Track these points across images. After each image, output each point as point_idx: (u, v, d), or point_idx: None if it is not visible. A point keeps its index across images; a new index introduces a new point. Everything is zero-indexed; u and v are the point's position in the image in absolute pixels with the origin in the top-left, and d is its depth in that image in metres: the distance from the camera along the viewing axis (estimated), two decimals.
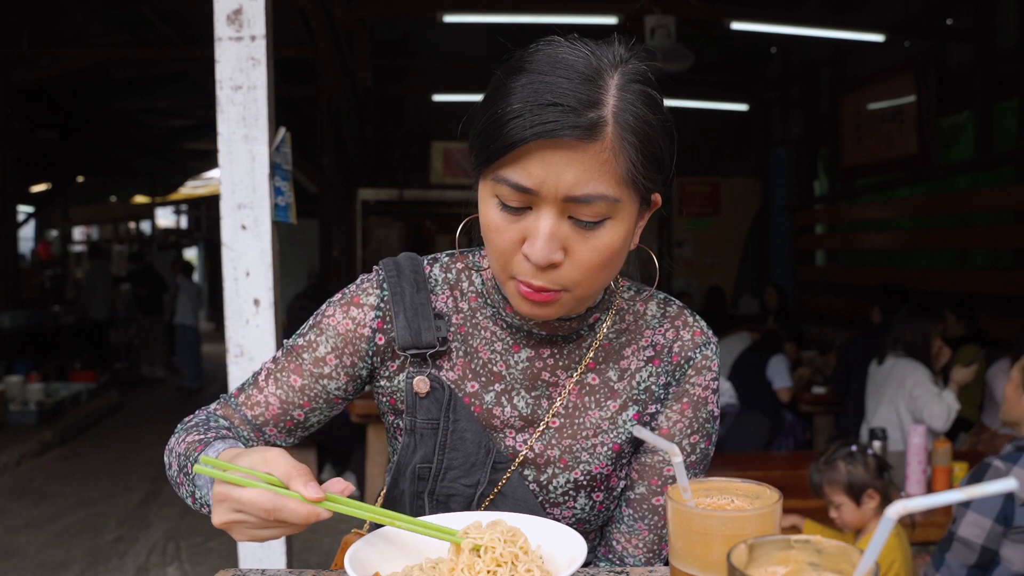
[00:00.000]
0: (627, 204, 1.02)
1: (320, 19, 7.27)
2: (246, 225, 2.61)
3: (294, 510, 0.89)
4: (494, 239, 1.04)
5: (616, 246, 1.04)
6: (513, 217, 1.02)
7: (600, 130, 0.97)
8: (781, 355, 5.68)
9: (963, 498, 0.65)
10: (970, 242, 7.30)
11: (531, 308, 1.07)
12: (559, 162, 0.97)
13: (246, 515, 0.91)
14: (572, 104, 0.95)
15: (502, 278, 1.08)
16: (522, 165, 0.98)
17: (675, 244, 11.32)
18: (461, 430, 1.17)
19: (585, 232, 1.01)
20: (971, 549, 2.29)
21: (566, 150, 0.96)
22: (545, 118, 0.95)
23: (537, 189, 0.98)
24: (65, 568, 4.87)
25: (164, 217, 21.21)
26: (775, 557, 0.72)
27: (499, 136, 0.98)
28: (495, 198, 1.03)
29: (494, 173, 1.01)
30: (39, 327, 10.09)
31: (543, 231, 1.00)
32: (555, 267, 1.02)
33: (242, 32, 2.56)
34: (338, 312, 1.21)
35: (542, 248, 1.00)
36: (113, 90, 10.41)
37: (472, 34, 9.21)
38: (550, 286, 1.04)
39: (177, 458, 1.14)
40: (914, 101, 7.50)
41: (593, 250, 1.02)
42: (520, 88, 0.98)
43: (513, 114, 0.97)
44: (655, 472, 1.19)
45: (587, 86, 0.97)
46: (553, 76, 0.97)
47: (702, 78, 10.24)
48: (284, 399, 1.20)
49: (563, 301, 1.07)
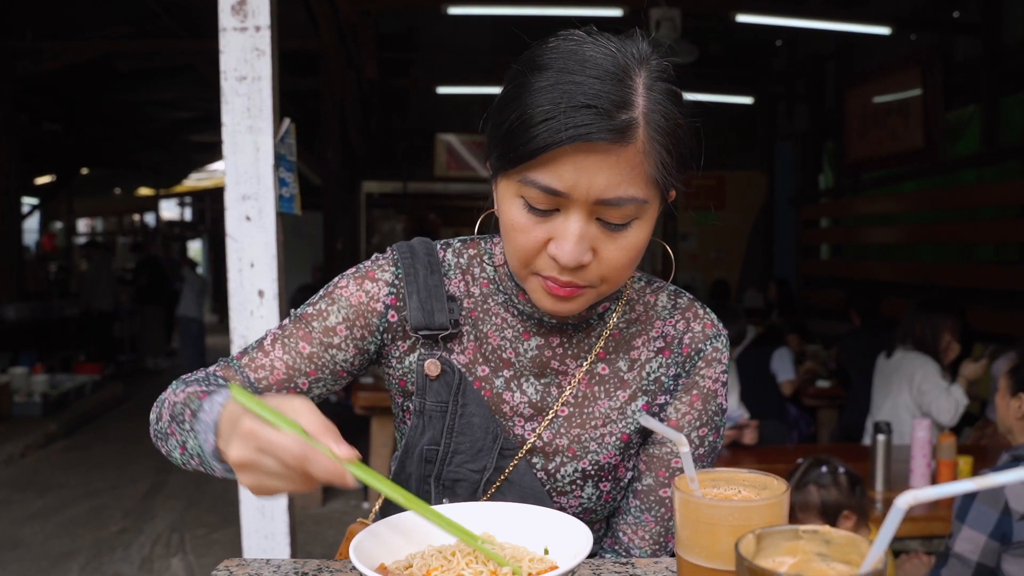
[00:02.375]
0: (653, 204, 1.03)
1: (325, 11, 7.26)
2: (250, 216, 2.60)
3: (321, 463, 0.83)
4: (518, 239, 1.03)
5: (641, 244, 1.04)
6: (540, 218, 1.01)
7: (632, 132, 0.96)
8: (784, 348, 5.67)
9: (973, 488, 0.64)
10: (975, 236, 7.28)
11: (554, 304, 1.07)
12: (592, 166, 0.96)
13: (269, 458, 0.85)
14: (605, 106, 0.94)
15: (523, 275, 1.08)
16: (553, 168, 0.97)
17: (680, 238, 11.30)
18: (469, 415, 1.17)
19: (613, 233, 1.01)
20: (966, 566, 2.25)
21: (599, 153, 0.95)
22: (579, 120, 0.94)
23: (568, 192, 0.97)
24: (70, 559, 4.88)
25: (168, 209, 21.24)
26: (783, 547, 0.72)
27: (529, 138, 0.96)
28: (520, 199, 1.02)
29: (521, 175, 0.99)
30: (44, 319, 10.11)
31: (573, 233, 0.99)
32: (583, 267, 1.02)
33: (246, 23, 2.55)
34: (352, 284, 1.20)
35: (572, 251, 0.99)
36: (117, 82, 10.40)
37: (477, 26, 9.21)
38: (577, 282, 1.03)
39: (171, 407, 1.10)
40: (920, 95, 7.47)
41: (620, 249, 1.02)
42: (549, 88, 0.96)
43: (543, 115, 0.95)
44: (663, 463, 1.19)
45: (617, 87, 0.96)
46: (583, 75, 0.96)
47: (707, 71, 10.21)
48: (291, 364, 1.18)
49: (587, 296, 1.07)
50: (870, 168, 8.75)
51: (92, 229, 20.37)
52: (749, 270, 11.48)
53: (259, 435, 0.85)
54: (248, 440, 0.86)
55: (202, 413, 1.00)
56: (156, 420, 1.15)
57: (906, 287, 7.61)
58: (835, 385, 5.81)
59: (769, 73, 11.20)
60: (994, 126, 6.87)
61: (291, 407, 0.87)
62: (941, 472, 3.38)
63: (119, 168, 15.00)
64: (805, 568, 0.70)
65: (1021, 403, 2.55)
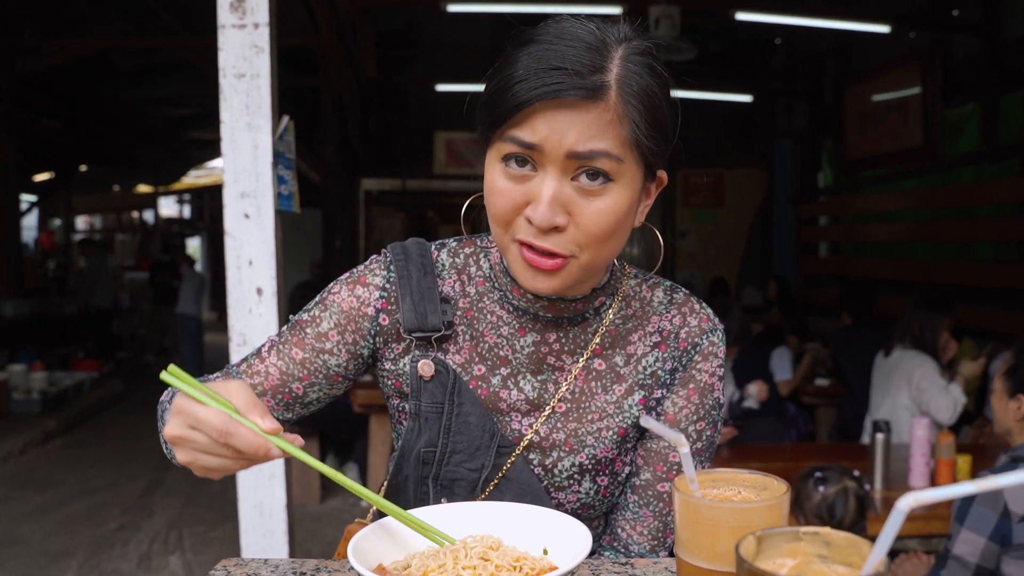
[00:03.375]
0: (631, 168, 1.03)
1: (324, 8, 7.26)
2: (249, 214, 2.60)
3: (245, 437, 0.89)
4: (497, 202, 1.05)
5: (620, 211, 1.04)
6: (517, 181, 1.03)
7: (604, 92, 0.99)
8: (783, 348, 5.67)
9: (974, 491, 0.64)
10: (974, 235, 7.27)
11: (535, 277, 1.07)
12: (563, 120, 0.99)
13: (198, 433, 0.90)
14: (576, 68, 0.98)
15: (504, 242, 1.08)
16: (527, 124, 1.00)
17: (679, 235, 11.30)
18: (466, 414, 1.17)
19: (589, 194, 1.02)
20: (966, 568, 2.24)
21: (570, 109, 0.99)
22: (549, 80, 0.98)
23: (541, 144, 1.00)
24: (68, 556, 4.88)
25: (167, 207, 21.22)
26: (783, 549, 0.72)
27: (504, 100, 1.00)
28: (499, 163, 1.04)
29: (500, 135, 1.02)
30: (42, 316, 10.11)
31: (546, 193, 1.01)
32: (559, 231, 1.03)
33: (245, 20, 2.55)
34: (344, 290, 1.22)
35: (544, 211, 1.01)
36: (116, 79, 10.40)
37: (476, 24, 9.18)
38: (554, 248, 1.03)
39: (161, 407, 1.17)
40: (919, 93, 7.46)
41: (597, 213, 1.03)
42: (526, 56, 1.00)
43: (518, 78, 0.99)
44: (660, 458, 1.19)
45: (591, 54, 1.00)
46: (559, 45, 1.00)
47: (706, 69, 10.19)
48: (284, 370, 1.20)
49: (568, 270, 1.06)
50: (869, 166, 8.75)
51: (91, 226, 20.35)
52: (748, 268, 11.47)
53: (188, 411, 0.90)
54: (179, 416, 0.91)
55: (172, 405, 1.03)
56: (159, 420, 1.20)
57: (905, 285, 7.60)
58: (834, 383, 5.81)
59: (768, 71, 11.19)
60: (993, 124, 6.87)
61: (224, 388, 0.93)
62: (940, 471, 3.38)
63: (118, 165, 14.99)
64: (806, 570, 0.70)
65: (1020, 404, 2.54)
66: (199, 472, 0.96)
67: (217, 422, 0.89)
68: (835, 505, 2.59)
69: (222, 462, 0.92)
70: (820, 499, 2.61)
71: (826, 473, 2.67)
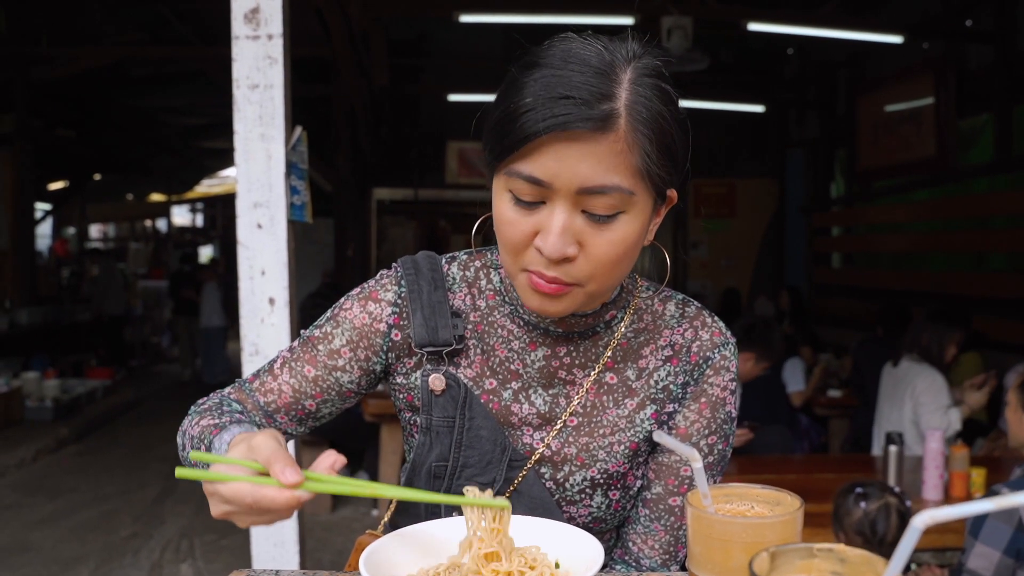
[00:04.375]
0: (641, 198, 1.02)
1: (337, 18, 7.29)
2: (262, 224, 2.61)
3: (272, 499, 0.87)
4: (506, 232, 1.04)
5: (630, 240, 1.03)
6: (526, 211, 1.02)
7: (613, 122, 0.96)
8: (796, 359, 5.65)
9: (991, 508, 0.63)
10: (988, 245, 7.24)
11: (541, 302, 1.06)
12: (573, 155, 0.96)
13: (232, 507, 0.90)
14: (584, 96, 0.95)
15: (513, 271, 1.08)
16: (535, 158, 0.98)
17: (691, 245, 11.28)
18: (477, 428, 1.17)
19: (599, 226, 1.01)
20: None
21: (579, 142, 0.96)
22: (558, 111, 0.95)
23: (551, 182, 0.98)
24: (80, 564, 4.89)
25: (180, 215, 21.31)
26: (797, 565, 0.71)
27: (512, 130, 0.98)
28: (508, 193, 1.02)
29: (507, 168, 1.01)
30: (56, 324, 10.16)
31: (556, 225, 0.99)
32: (569, 260, 1.02)
33: (259, 31, 2.57)
34: (355, 306, 1.22)
35: (555, 242, 0.99)
36: (130, 88, 10.47)
37: (488, 34, 9.20)
38: (563, 278, 1.03)
39: (190, 440, 1.15)
40: (933, 103, 7.44)
41: (608, 244, 1.02)
42: (532, 82, 0.98)
43: (525, 108, 0.96)
44: (672, 472, 1.19)
45: (599, 79, 0.97)
46: (565, 70, 0.97)
47: (718, 79, 10.19)
48: (297, 388, 1.20)
49: (574, 295, 1.06)
50: (882, 176, 8.72)
51: (104, 235, 20.46)
52: (760, 278, 11.44)
53: (217, 493, 0.91)
54: (214, 499, 0.92)
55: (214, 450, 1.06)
56: (181, 449, 1.20)
57: (918, 296, 7.57)
58: (847, 394, 5.78)
59: (780, 81, 11.17)
60: (1007, 134, 6.84)
61: (248, 447, 0.92)
62: (954, 484, 3.35)
63: (131, 174, 15.06)
64: None
65: None
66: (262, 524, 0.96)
67: (243, 496, 0.88)
68: (876, 521, 2.56)
69: (265, 519, 0.92)
70: (862, 515, 2.59)
71: (867, 489, 2.64)
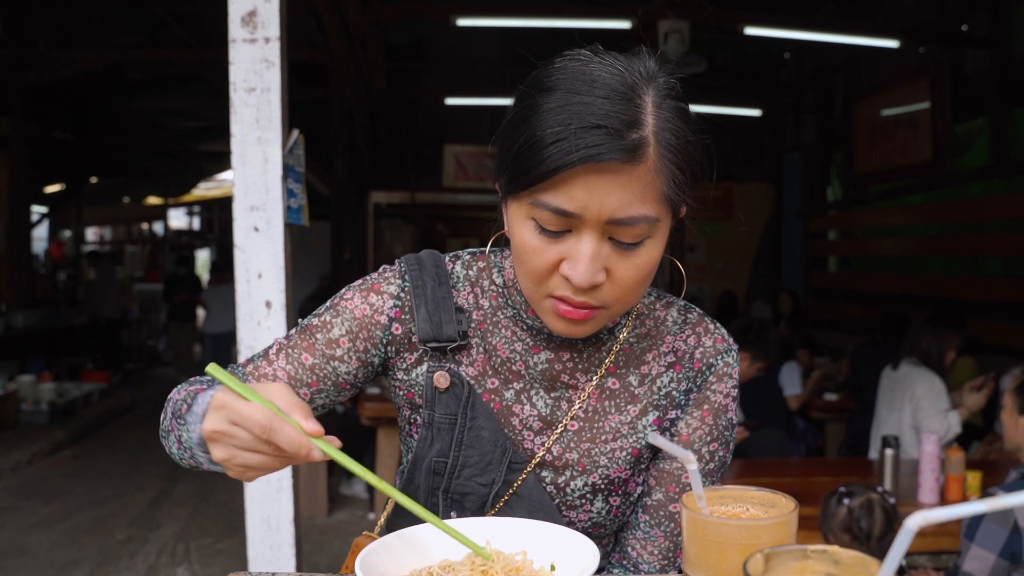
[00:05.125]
0: (664, 221, 1.03)
1: (334, 22, 7.29)
2: (259, 227, 2.61)
3: (288, 435, 0.88)
4: (530, 261, 1.03)
5: (654, 262, 1.04)
6: (552, 240, 1.00)
7: (643, 151, 0.96)
8: (793, 362, 5.65)
9: (984, 509, 0.64)
10: (983, 249, 7.26)
11: (567, 327, 1.06)
12: (603, 186, 0.95)
13: (239, 428, 0.90)
14: (616, 126, 0.94)
15: (536, 297, 1.07)
16: (564, 190, 0.96)
17: (687, 249, 11.28)
18: (478, 428, 1.17)
19: (626, 252, 1.01)
20: None
21: (610, 174, 0.95)
22: (590, 141, 0.93)
23: (580, 213, 0.97)
24: (75, 567, 4.88)
25: (176, 218, 21.29)
26: (791, 567, 0.71)
27: (540, 160, 0.95)
28: (531, 221, 1.01)
29: (532, 197, 0.99)
30: (52, 327, 10.15)
31: (586, 254, 0.98)
32: (596, 287, 1.02)
33: (256, 34, 2.57)
34: (356, 296, 1.20)
35: (585, 271, 0.99)
36: (127, 91, 10.45)
37: (486, 38, 9.23)
38: (590, 302, 1.03)
39: (173, 404, 1.13)
40: (929, 107, 7.46)
41: (633, 269, 1.02)
42: (558, 109, 0.95)
43: (554, 137, 0.94)
44: (673, 479, 1.19)
45: (627, 106, 0.95)
46: (591, 96, 0.95)
47: (715, 83, 10.21)
48: (292, 375, 1.18)
49: (599, 318, 1.06)
50: (878, 180, 8.74)
51: (101, 237, 20.43)
52: (756, 282, 11.45)
53: (230, 406, 0.89)
54: (220, 412, 0.90)
55: (195, 406, 1.03)
56: (162, 419, 1.17)
57: (914, 299, 7.58)
58: (843, 398, 5.79)
59: (777, 85, 11.20)
60: (1003, 139, 6.85)
61: (266, 389, 0.93)
62: (950, 487, 3.36)
63: (128, 177, 15.04)
64: None
65: None
66: (234, 472, 0.95)
67: (261, 418, 0.88)
68: (860, 517, 2.57)
69: (261, 459, 0.91)
70: (845, 513, 2.60)
71: (850, 488, 2.66)
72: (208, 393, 1.02)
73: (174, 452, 1.13)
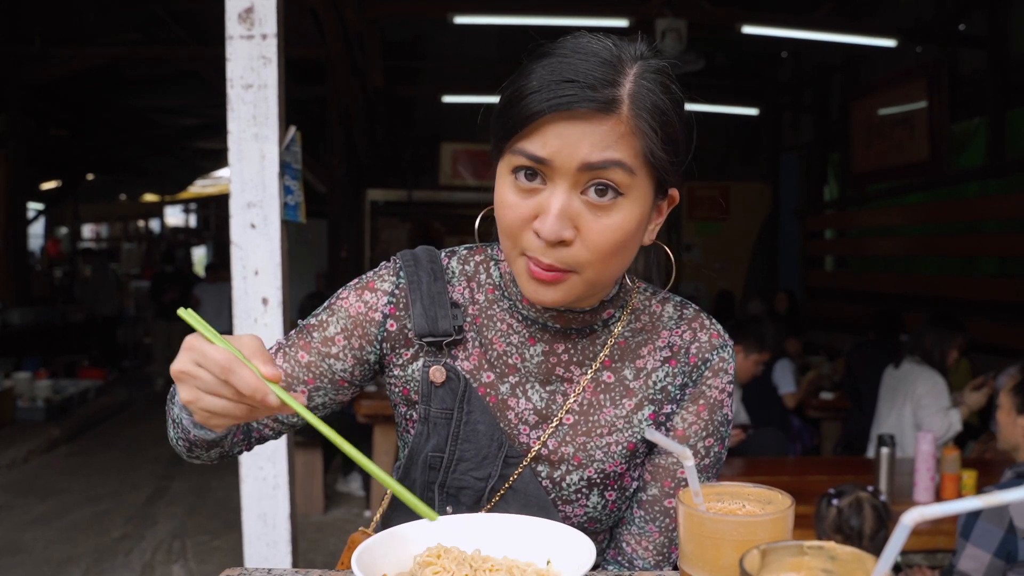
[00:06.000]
0: (642, 183, 1.03)
1: (331, 19, 7.29)
2: (255, 224, 2.61)
3: (245, 378, 0.90)
4: (506, 215, 1.05)
5: (629, 228, 1.03)
6: (527, 194, 1.03)
7: (616, 106, 0.99)
8: (785, 360, 5.65)
9: (979, 506, 0.64)
10: (980, 249, 7.27)
11: (537, 289, 1.06)
12: (574, 133, 0.98)
13: (202, 370, 0.92)
14: (589, 81, 0.98)
15: (512, 255, 1.08)
16: (538, 137, 1.00)
17: (684, 248, 11.29)
18: (474, 422, 1.17)
19: (598, 210, 1.01)
20: None
21: (582, 121, 0.98)
22: (561, 92, 0.97)
23: (551, 159, 0.99)
24: (71, 565, 4.88)
25: (173, 216, 21.27)
26: (788, 563, 0.71)
27: (517, 111, 1.00)
28: (510, 176, 1.04)
29: (511, 147, 1.02)
30: (48, 324, 10.13)
31: (555, 206, 1.00)
32: (566, 245, 1.02)
33: (253, 31, 2.56)
34: (352, 295, 1.22)
35: (552, 224, 1.00)
36: (124, 88, 10.44)
37: (483, 36, 9.22)
38: (558, 264, 1.03)
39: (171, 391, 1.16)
40: (926, 107, 7.47)
41: (605, 229, 1.02)
42: (540, 68, 1.01)
43: (531, 90, 0.99)
44: (668, 474, 1.19)
45: (605, 68, 1.00)
46: (573, 58, 1.00)
47: (712, 82, 10.21)
48: (290, 373, 1.21)
49: (571, 283, 1.06)
50: (875, 180, 8.75)
51: (97, 235, 20.41)
52: (753, 281, 11.46)
53: (196, 347, 0.93)
54: (187, 352, 0.93)
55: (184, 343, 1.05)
56: (167, 414, 1.20)
57: (910, 299, 7.60)
58: (839, 397, 5.79)
59: (775, 84, 11.20)
60: (1000, 138, 6.86)
61: (236, 338, 0.96)
62: (945, 486, 3.37)
63: (125, 174, 15.04)
64: None
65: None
66: (200, 416, 0.96)
67: (220, 359, 0.90)
68: (850, 516, 2.58)
69: (223, 404, 0.93)
70: (835, 513, 2.60)
71: (840, 488, 2.67)
72: None
73: (170, 436, 1.17)
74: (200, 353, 0.92)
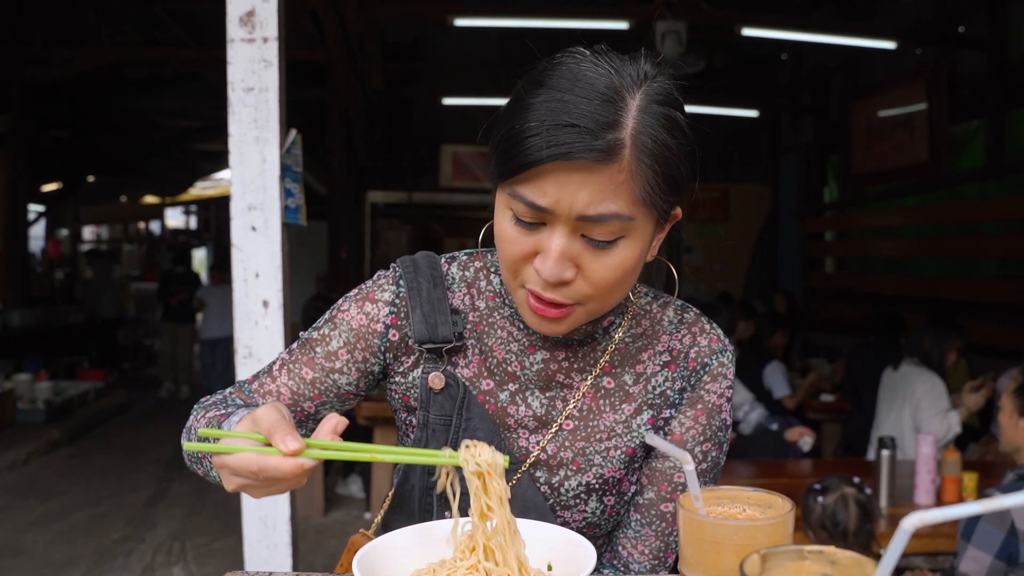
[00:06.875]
0: (642, 223, 1.02)
1: (332, 21, 7.29)
2: (256, 226, 2.61)
3: (277, 467, 0.90)
4: (506, 249, 1.05)
5: (629, 264, 1.03)
6: (527, 231, 1.02)
7: (617, 152, 0.96)
8: (775, 363, 5.64)
9: (980, 511, 0.64)
10: (980, 251, 7.27)
11: (540, 323, 1.08)
12: (574, 183, 0.96)
13: (243, 479, 0.92)
14: (589, 126, 0.95)
15: (512, 286, 1.08)
16: (537, 184, 0.98)
17: (684, 250, 11.26)
18: (473, 428, 1.17)
19: (598, 250, 1.01)
20: None
21: (581, 171, 0.96)
22: (561, 139, 0.94)
23: (551, 208, 0.98)
24: (71, 567, 4.88)
25: (173, 217, 21.27)
26: (788, 568, 0.72)
27: (516, 153, 0.97)
28: (509, 210, 1.03)
29: (510, 188, 1.01)
30: (48, 326, 10.13)
31: (555, 249, 1.00)
32: (566, 283, 1.02)
33: (254, 34, 2.57)
34: (352, 307, 1.22)
35: (553, 266, 1.00)
36: (125, 90, 10.44)
37: (483, 38, 9.23)
38: (561, 300, 1.03)
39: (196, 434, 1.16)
40: (925, 109, 7.47)
41: (606, 268, 1.02)
42: (539, 105, 0.97)
43: (530, 132, 0.96)
44: (665, 478, 1.19)
45: (605, 107, 0.96)
46: (572, 94, 0.96)
47: (712, 83, 10.21)
48: (295, 390, 1.21)
49: (575, 316, 1.07)
50: (875, 181, 8.75)
51: (97, 236, 20.40)
52: (753, 283, 11.45)
53: (226, 465, 0.93)
54: (224, 472, 0.94)
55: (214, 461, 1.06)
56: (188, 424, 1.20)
57: (910, 300, 7.59)
58: (839, 399, 5.79)
59: (774, 86, 11.20)
60: (999, 140, 6.86)
61: (252, 419, 0.94)
62: (946, 488, 3.36)
63: (125, 176, 15.03)
64: None
65: None
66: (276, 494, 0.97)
67: (248, 465, 0.90)
68: (836, 512, 2.58)
69: (276, 489, 0.94)
70: (820, 510, 2.60)
71: (825, 483, 2.66)
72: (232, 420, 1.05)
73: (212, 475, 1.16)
74: (230, 469, 0.92)
